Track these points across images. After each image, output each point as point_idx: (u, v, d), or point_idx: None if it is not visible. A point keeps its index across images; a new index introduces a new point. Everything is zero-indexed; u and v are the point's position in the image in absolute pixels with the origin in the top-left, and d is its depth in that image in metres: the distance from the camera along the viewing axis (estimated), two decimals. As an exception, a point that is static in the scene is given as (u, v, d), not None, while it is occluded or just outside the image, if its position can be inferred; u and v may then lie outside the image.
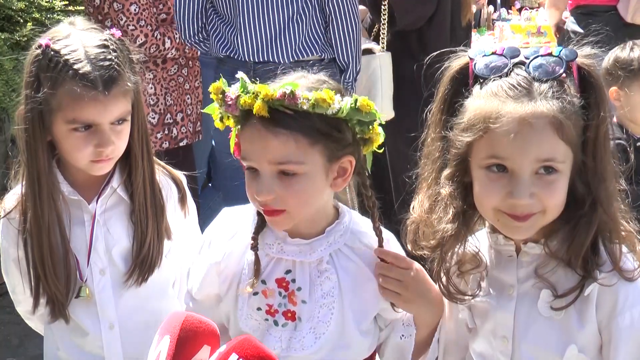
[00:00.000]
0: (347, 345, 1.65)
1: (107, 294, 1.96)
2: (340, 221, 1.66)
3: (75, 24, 1.89)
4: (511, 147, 1.39)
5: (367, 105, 1.54)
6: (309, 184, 1.55)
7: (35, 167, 1.86)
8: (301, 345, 1.63)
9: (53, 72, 1.78)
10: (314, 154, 1.53)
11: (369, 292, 1.64)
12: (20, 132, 1.85)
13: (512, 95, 1.40)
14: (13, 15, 4.06)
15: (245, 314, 1.67)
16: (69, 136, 1.82)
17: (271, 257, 1.65)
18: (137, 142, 1.92)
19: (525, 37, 6.54)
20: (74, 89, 1.76)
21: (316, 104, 1.49)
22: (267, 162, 1.52)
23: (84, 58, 1.78)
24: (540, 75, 1.41)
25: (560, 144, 1.39)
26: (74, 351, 2.00)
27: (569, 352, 1.48)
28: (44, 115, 1.81)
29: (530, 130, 1.38)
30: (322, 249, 1.63)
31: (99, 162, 1.85)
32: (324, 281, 1.63)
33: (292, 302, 1.64)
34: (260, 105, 1.49)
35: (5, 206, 1.96)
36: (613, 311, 1.44)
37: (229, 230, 1.72)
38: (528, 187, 1.39)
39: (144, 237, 1.94)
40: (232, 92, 1.54)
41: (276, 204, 1.54)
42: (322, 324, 1.63)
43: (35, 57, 1.82)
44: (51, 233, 1.88)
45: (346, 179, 1.61)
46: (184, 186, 2.08)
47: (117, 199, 1.96)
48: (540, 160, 1.39)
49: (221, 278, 1.70)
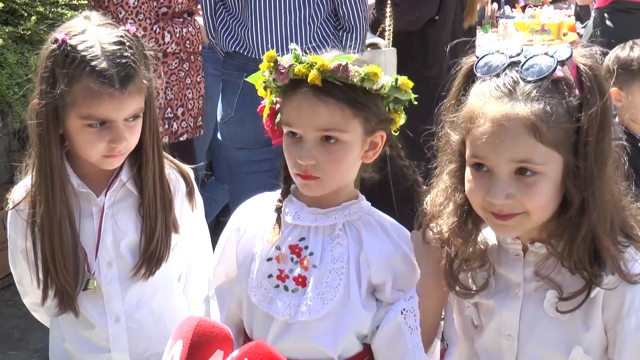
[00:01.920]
0: (351, 315, 1.68)
1: (114, 287, 1.97)
2: (358, 202, 1.74)
3: (91, 19, 1.89)
4: (486, 148, 1.41)
5: (407, 84, 1.65)
6: (348, 152, 1.64)
7: (48, 161, 1.86)
8: (308, 310, 1.67)
9: (69, 68, 1.78)
10: (355, 125, 1.63)
11: (377, 265, 1.68)
12: (34, 126, 1.86)
13: (494, 96, 1.42)
14: (17, 9, 4.06)
15: (256, 283, 1.72)
16: (82, 131, 1.83)
17: (287, 224, 1.72)
18: (149, 137, 1.93)
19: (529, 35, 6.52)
20: (90, 85, 1.77)
21: (366, 78, 1.59)
22: (314, 129, 1.61)
23: (100, 54, 1.79)
24: (528, 75, 1.41)
25: (537, 146, 1.38)
26: (80, 343, 2.01)
27: (574, 352, 1.48)
28: (58, 110, 1.82)
29: (503, 131, 1.39)
30: (337, 216, 1.70)
31: (111, 157, 1.86)
32: (335, 247, 1.69)
33: (303, 267, 1.69)
34: (316, 74, 1.58)
35: (14, 197, 1.97)
36: (619, 314, 1.44)
37: (252, 205, 1.84)
38: (504, 187, 1.40)
39: (152, 232, 1.95)
40: (285, 61, 1.63)
41: (314, 171, 1.63)
42: (331, 290, 1.67)
43: (52, 52, 1.82)
44: (62, 226, 1.89)
45: (376, 152, 1.71)
46: (192, 180, 2.09)
47: (125, 192, 1.97)
48: (515, 161, 1.39)
49: (239, 245, 1.78)
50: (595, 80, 1.41)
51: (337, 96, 1.60)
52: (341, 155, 1.63)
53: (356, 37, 3.26)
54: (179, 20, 3.56)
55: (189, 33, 3.54)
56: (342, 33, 3.25)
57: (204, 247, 2.16)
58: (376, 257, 1.68)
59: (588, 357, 1.48)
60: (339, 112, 1.60)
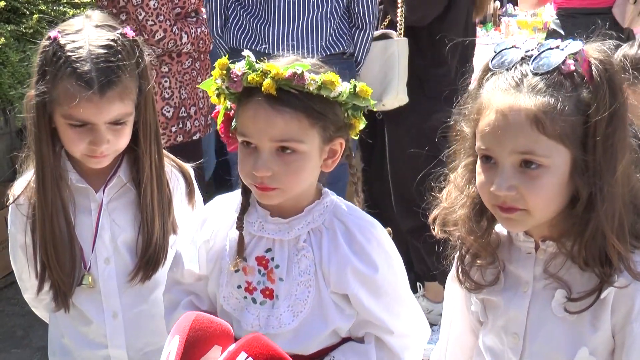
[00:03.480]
0: (326, 324, 1.66)
1: (111, 283, 1.97)
2: (320, 201, 1.69)
3: (91, 18, 1.88)
4: (490, 139, 1.41)
5: (365, 91, 1.60)
6: (306, 162, 1.59)
7: (39, 154, 1.87)
8: (279, 323, 1.65)
9: (54, 67, 1.79)
10: (313, 134, 1.58)
11: (345, 273, 1.65)
12: (27, 119, 1.87)
13: (502, 88, 1.42)
14: (19, 7, 4.06)
15: (227, 292, 1.70)
16: (65, 129, 1.83)
17: (253, 235, 1.69)
18: (144, 142, 1.91)
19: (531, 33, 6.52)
20: (68, 86, 1.77)
21: (323, 86, 1.54)
22: (269, 139, 1.56)
23: (85, 57, 1.78)
24: (538, 68, 1.40)
25: (541, 138, 1.37)
26: (78, 339, 2.01)
27: (580, 353, 1.46)
28: (46, 105, 1.82)
29: (506, 122, 1.39)
30: (299, 227, 1.66)
31: (94, 157, 1.86)
32: (301, 259, 1.66)
33: (270, 280, 1.67)
34: (270, 84, 1.52)
35: (14, 192, 1.97)
36: (628, 316, 1.42)
37: (218, 212, 1.77)
38: (508, 178, 1.40)
39: (150, 236, 1.95)
40: (238, 68, 1.57)
41: (271, 182, 1.58)
42: (300, 302, 1.65)
43: (43, 49, 1.83)
44: (54, 220, 1.88)
45: (335, 160, 1.66)
46: (192, 179, 2.09)
47: (124, 189, 1.97)
48: (518, 152, 1.39)
49: (209, 256, 1.74)
50: (605, 74, 1.40)
51: (293, 105, 1.54)
52: (299, 166, 1.58)
53: (368, 35, 3.28)
54: (192, 20, 3.56)
55: (202, 33, 3.54)
56: (354, 31, 3.26)
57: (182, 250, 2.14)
58: (334, 269, 1.65)
59: (594, 358, 1.46)
60: (296, 122, 1.55)
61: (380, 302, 1.67)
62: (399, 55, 3.32)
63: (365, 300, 1.65)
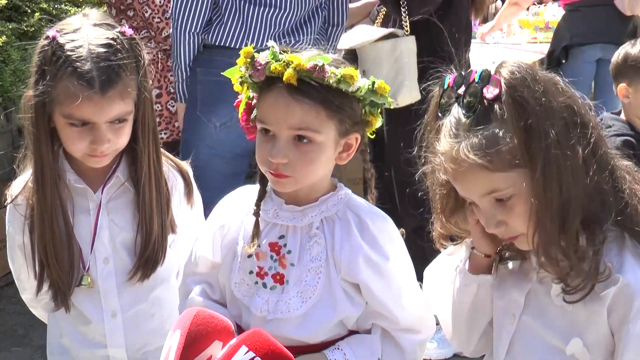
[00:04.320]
0: (335, 312, 1.68)
1: (110, 283, 1.97)
2: (335, 193, 1.73)
3: (89, 17, 1.88)
4: (459, 188, 1.49)
5: (383, 88, 1.64)
6: (321, 153, 1.63)
7: (38, 154, 1.86)
8: (287, 308, 1.67)
9: (54, 66, 1.78)
10: (329, 126, 1.62)
11: (357, 261, 1.67)
12: (25, 119, 1.86)
13: (446, 136, 1.47)
14: (20, 5, 4.06)
15: (239, 278, 1.73)
16: (65, 129, 1.83)
17: (267, 222, 1.72)
18: (142, 141, 1.91)
19: (533, 32, 6.50)
20: (69, 86, 1.76)
21: (342, 80, 1.59)
22: (287, 127, 1.60)
23: (86, 56, 1.77)
24: (465, 114, 1.44)
25: (494, 175, 1.41)
26: (77, 338, 2.01)
27: (573, 342, 1.49)
28: (45, 105, 1.82)
29: (462, 171, 1.44)
30: (313, 214, 1.69)
31: (95, 156, 1.86)
32: (313, 245, 1.68)
33: (282, 265, 1.70)
34: (291, 74, 1.57)
35: (12, 192, 1.97)
36: (625, 317, 1.44)
37: (235, 199, 1.82)
38: (492, 217, 1.46)
39: (149, 235, 1.95)
40: (262, 57, 1.62)
41: (285, 169, 1.62)
42: (310, 288, 1.67)
43: (42, 48, 1.82)
44: (53, 220, 1.88)
45: (350, 154, 1.70)
46: (191, 178, 2.08)
47: (123, 188, 1.96)
48: (486, 193, 1.44)
49: (224, 242, 1.77)
50: (515, 94, 1.39)
51: (312, 96, 1.59)
52: (314, 156, 1.62)
53: (340, 33, 3.28)
54: None
55: None
56: (329, 28, 3.24)
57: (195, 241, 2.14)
58: (345, 256, 1.67)
59: (586, 352, 1.48)
60: (313, 112, 1.59)
61: (388, 292, 1.69)
62: (409, 53, 3.33)
63: (375, 288, 1.68)
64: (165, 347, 1.52)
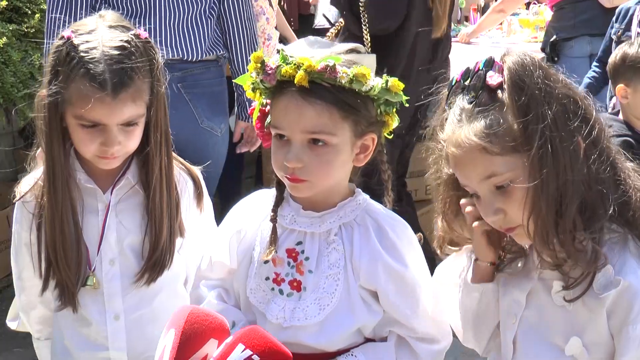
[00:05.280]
0: (353, 319, 1.68)
1: (115, 285, 1.97)
2: (353, 199, 1.71)
3: (105, 18, 1.88)
4: (459, 175, 1.50)
5: (397, 85, 1.62)
6: (336, 156, 1.61)
7: (50, 153, 1.87)
8: (305, 315, 1.66)
9: (68, 67, 1.79)
10: (344, 128, 1.60)
11: (376, 268, 1.66)
12: (38, 118, 1.87)
13: (452, 121, 1.49)
14: (21, 7, 4.07)
15: (254, 284, 1.72)
16: (77, 130, 1.83)
17: (285, 228, 1.71)
18: (155, 143, 1.91)
19: (533, 32, 6.49)
20: (81, 87, 1.77)
21: (354, 79, 1.57)
22: (300, 131, 1.59)
23: (99, 58, 1.78)
24: (470, 97, 1.47)
25: (494, 159, 1.43)
26: (78, 340, 2.01)
27: (573, 341, 1.49)
28: (58, 105, 1.82)
29: (464, 154, 1.46)
30: (331, 220, 1.68)
31: (105, 158, 1.86)
32: (331, 252, 1.67)
33: (299, 272, 1.68)
34: (302, 75, 1.56)
35: (21, 189, 1.97)
36: (626, 319, 1.44)
37: (252, 204, 1.81)
38: (491, 205, 1.47)
39: (157, 238, 1.94)
40: (272, 62, 1.61)
41: (302, 174, 1.60)
42: (327, 295, 1.66)
43: (57, 48, 1.83)
44: (64, 219, 1.88)
45: (367, 156, 1.68)
46: (201, 182, 2.08)
47: (132, 190, 1.96)
48: (485, 177, 1.45)
49: (240, 247, 1.76)
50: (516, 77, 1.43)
51: (324, 98, 1.57)
52: (330, 158, 1.60)
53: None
54: None
55: None
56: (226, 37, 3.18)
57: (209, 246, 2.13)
58: (365, 263, 1.66)
59: (585, 352, 1.49)
60: (327, 114, 1.58)
61: (406, 300, 1.68)
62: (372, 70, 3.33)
63: (393, 296, 1.67)
64: (159, 346, 1.51)
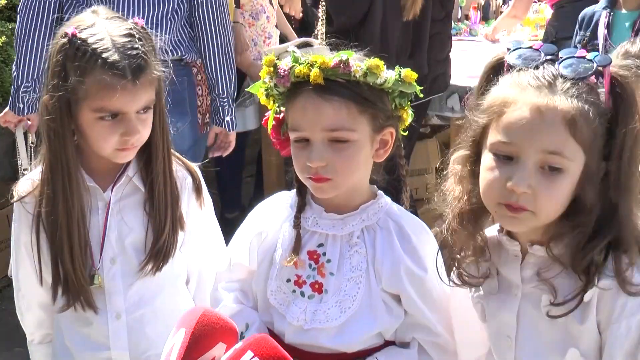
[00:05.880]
0: (374, 323, 1.67)
1: (116, 283, 1.96)
2: (376, 201, 1.71)
3: (99, 13, 1.89)
4: (520, 133, 1.40)
5: (410, 76, 1.62)
6: (358, 151, 1.61)
7: (64, 155, 1.85)
8: (326, 318, 1.66)
9: (81, 62, 1.78)
10: (362, 122, 1.61)
11: (398, 272, 1.66)
12: (46, 121, 1.84)
13: (533, 85, 1.42)
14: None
15: (275, 286, 1.72)
16: (95, 124, 1.82)
17: (307, 230, 1.71)
18: (158, 130, 1.92)
19: (533, 30, 6.49)
20: (103, 77, 1.77)
21: (368, 72, 1.58)
22: (320, 130, 1.59)
23: (111, 47, 1.79)
24: (568, 73, 1.42)
25: (570, 140, 1.38)
26: (79, 340, 2.00)
27: (570, 354, 1.47)
28: (70, 104, 1.81)
29: (541, 119, 1.38)
30: (354, 223, 1.68)
31: (124, 150, 1.86)
32: (353, 255, 1.67)
33: (320, 274, 1.68)
34: (317, 73, 1.56)
35: (19, 191, 1.96)
36: (610, 317, 1.43)
37: (273, 206, 1.81)
38: (528, 176, 1.39)
39: (162, 228, 1.94)
40: (285, 64, 1.62)
41: (325, 172, 1.60)
42: (349, 298, 1.66)
43: (62, 46, 1.81)
44: (79, 221, 1.88)
45: (387, 150, 1.68)
46: (200, 177, 2.08)
47: (132, 188, 1.96)
48: (546, 151, 1.39)
49: (260, 249, 1.76)
50: (626, 91, 1.43)
51: (340, 93, 1.58)
52: (351, 154, 1.61)
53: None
54: None
55: None
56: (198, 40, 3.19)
57: (216, 245, 2.13)
58: (387, 267, 1.66)
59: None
60: (345, 109, 1.58)
61: (427, 304, 1.68)
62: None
63: (416, 299, 1.67)
64: (167, 345, 1.50)
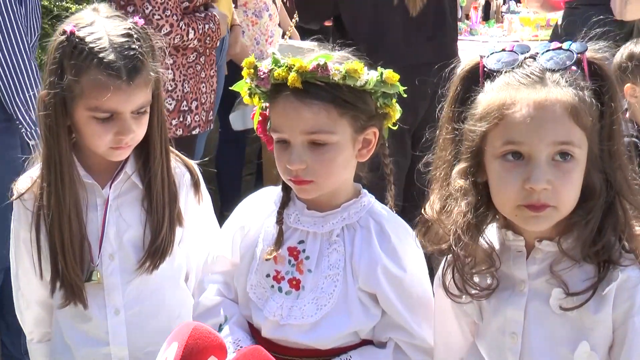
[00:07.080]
0: (349, 321, 1.67)
1: (115, 280, 1.96)
2: (358, 200, 1.71)
3: (99, 11, 1.89)
4: (527, 131, 1.39)
5: (392, 77, 1.61)
6: (338, 153, 1.61)
7: (57, 152, 1.86)
8: (302, 314, 1.67)
9: (77, 60, 1.79)
10: (343, 124, 1.60)
11: (375, 271, 1.65)
12: (42, 117, 1.86)
13: (525, 83, 1.42)
14: (21, 2, 4.03)
15: (255, 281, 1.72)
16: (89, 123, 1.83)
17: (288, 226, 1.72)
18: (156, 130, 1.93)
19: (534, 30, 6.50)
20: (98, 77, 1.77)
21: (347, 75, 1.57)
22: (300, 133, 1.59)
23: (108, 47, 1.79)
24: (551, 65, 1.42)
25: (576, 128, 1.39)
26: (78, 336, 2.00)
27: (581, 348, 1.46)
28: (66, 101, 1.82)
29: (545, 113, 1.39)
30: (334, 221, 1.68)
31: (118, 149, 1.86)
32: (332, 253, 1.68)
33: (299, 271, 1.69)
34: (295, 77, 1.56)
35: (19, 188, 1.96)
36: (630, 310, 1.42)
37: (256, 202, 1.82)
38: (545, 172, 1.38)
39: (160, 226, 1.94)
40: (265, 66, 1.61)
41: (306, 175, 1.61)
42: (325, 295, 1.66)
43: (60, 44, 1.82)
44: (72, 217, 1.89)
45: (370, 150, 1.68)
46: (198, 174, 2.08)
47: (130, 185, 1.97)
48: (557, 143, 1.39)
49: (243, 243, 1.77)
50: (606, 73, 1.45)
51: (320, 97, 1.57)
52: (331, 157, 1.60)
53: None
54: (200, 16, 3.54)
55: (210, 29, 3.53)
56: None
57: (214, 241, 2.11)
58: (364, 265, 1.66)
59: (595, 354, 1.46)
60: (324, 112, 1.58)
61: (405, 304, 1.67)
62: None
63: (393, 299, 1.66)
64: (160, 358, 1.51)
